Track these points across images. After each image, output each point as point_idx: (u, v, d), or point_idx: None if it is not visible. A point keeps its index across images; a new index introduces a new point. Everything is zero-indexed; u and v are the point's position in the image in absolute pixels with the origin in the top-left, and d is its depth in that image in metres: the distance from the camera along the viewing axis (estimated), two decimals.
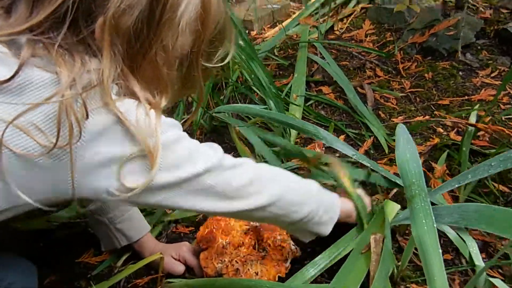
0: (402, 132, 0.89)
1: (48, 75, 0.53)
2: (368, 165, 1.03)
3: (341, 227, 0.89)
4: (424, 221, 0.68)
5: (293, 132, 1.31)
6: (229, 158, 0.71)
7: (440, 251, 0.65)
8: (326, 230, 0.86)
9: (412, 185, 0.75)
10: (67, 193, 0.59)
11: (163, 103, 0.64)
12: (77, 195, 0.59)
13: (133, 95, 0.60)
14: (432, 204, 0.76)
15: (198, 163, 0.65)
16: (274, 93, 1.29)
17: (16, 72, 0.52)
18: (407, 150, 0.81)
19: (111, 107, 0.56)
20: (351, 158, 1.07)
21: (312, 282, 0.87)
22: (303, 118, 1.43)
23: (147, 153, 0.59)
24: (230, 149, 1.33)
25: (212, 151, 0.69)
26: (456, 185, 0.83)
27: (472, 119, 1.17)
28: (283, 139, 1.14)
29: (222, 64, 0.72)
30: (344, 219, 0.89)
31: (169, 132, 0.64)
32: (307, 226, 0.83)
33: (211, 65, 0.71)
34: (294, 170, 1.11)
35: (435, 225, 0.67)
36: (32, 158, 0.53)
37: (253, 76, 1.35)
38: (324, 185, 0.85)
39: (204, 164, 0.66)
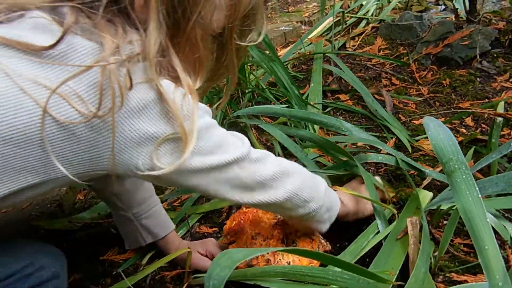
0: (430, 119, 0.88)
1: (90, 44, 0.53)
2: (396, 155, 1.01)
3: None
4: (467, 192, 0.66)
5: (316, 127, 1.30)
6: (255, 151, 0.72)
7: (488, 220, 0.62)
8: (324, 228, 0.88)
9: (450, 161, 0.73)
10: (102, 168, 0.58)
11: (198, 84, 0.65)
12: (111, 170, 0.59)
13: (173, 73, 0.60)
14: None
15: (228, 152, 0.66)
16: (297, 95, 1.29)
17: (60, 39, 0.52)
18: (440, 131, 0.80)
19: (154, 84, 0.56)
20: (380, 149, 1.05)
21: None
22: None
23: (182, 136, 0.59)
24: None
25: (240, 142, 0.70)
26: (488, 162, 0.82)
27: (500, 111, 1.16)
28: (308, 131, 1.13)
29: (256, 42, 0.73)
30: (340, 218, 0.91)
31: (204, 118, 0.64)
32: (307, 221, 0.85)
33: (244, 43, 0.72)
34: (315, 159, 1.11)
35: (479, 195, 0.65)
36: (72, 128, 0.53)
37: (275, 78, 1.36)
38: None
39: (234, 154, 0.67)
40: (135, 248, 0.98)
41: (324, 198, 0.83)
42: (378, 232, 0.89)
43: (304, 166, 1.03)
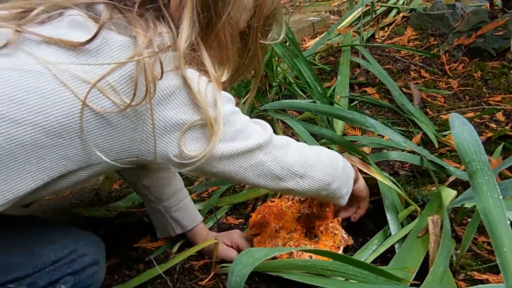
0: (456, 116, 0.88)
1: (124, 38, 0.58)
2: (420, 153, 1.02)
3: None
4: (489, 193, 0.67)
5: (339, 127, 1.31)
6: (277, 137, 0.75)
7: (508, 223, 0.63)
8: (343, 201, 0.92)
9: (472, 161, 0.73)
10: (134, 154, 0.63)
11: (224, 77, 0.68)
12: (140, 157, 0.64)
13: (201, 66, 0.64)
14: None
15: (251, 138, 0.70)
16: (320, 91, 1.31)
17: (96, 34, 0.56)
18: (464, 130, 0.80)
19: (181, 71, 0.60)
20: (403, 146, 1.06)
21: None
22: None
23: (207, 123, 0.63)
24: None
25: (262, 129, 0.73)
26: None
27: None
28: (330, 130, 1.15)
29: (278, 40, 0.77)
30: (355, 190, 0.93)
31: (228, 105, 0.68)
32: (328, 199, 0.90)
33: (267, 42, 0.76)
34: None
35: (501, 197, 0.66)
36: (107, 117, 0.58)
37: (298, 74, 1.38)
38: None
39: (256, 140, 0.70)
40: (166, 237, 1.04)
41: (341, 176, 0.86)
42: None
43: None
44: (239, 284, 0.57)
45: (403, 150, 1.11)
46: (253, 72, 0.86)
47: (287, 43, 1.43)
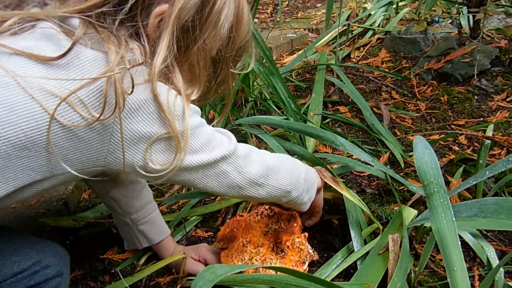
0: (420, 139, 0.93)
1: (96, 53, 0.59)
2: (385, 172, 1.06)
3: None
4: (443, 215, 0.71)
5: (311, 144, 1.35)
6: (241, 147, 0.77)
7: (459, 243, 0.67)
8: (305, 208, 0.96)
9: (430, 183, 0.77)
10: (99, 164, 0.64)
11: (193, 97, 0.71)
12: (106, 166, 0.65)
13: (171, 83, 0.66)
14: None
15: (216, 150, 0.72)
16: (293, 108, 1.34)
17: (69, 50, 0.57)
18: (425, 153, 0.84)
19: (151, 85, 0.61)
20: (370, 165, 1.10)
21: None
22: None
23: (173, 136, 0.65)
24: None
25: (227, 139, 0.76)
26: (474, 182, 0.86)
27: (489, 134, 1.20)
28: (301, 147, 1.19)
29: (248, 70, 0.81)
30: (316, 199, 0.97)
31: (194, 118, 0.69)
32: (290, 205, 0.93)
33: (236, 71, 0.80)
34: None
35: (453, 219, 0.69)
36: (75, 130, 0.58)
37: (273, 91, 1.42)
38: None
39: (221, 151, 0.72)
40: (133, 248, 1.04)
41: (304, 185, 0.89)
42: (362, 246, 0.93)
43: None
44: None
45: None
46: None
47: (264, 60, 1.47)
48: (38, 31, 0.60)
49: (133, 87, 0.59)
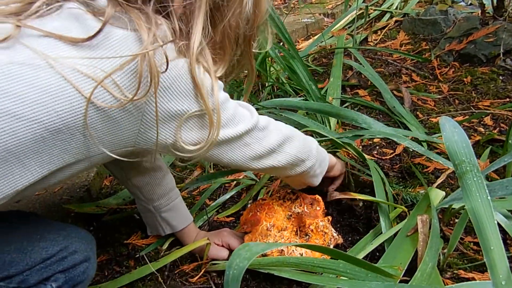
0: (446, 119, 0.90)
1: (126, 32, 0.57)
2: (411, 146, 1.04)
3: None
4: (477, 194, 0.68)
5: (332, 124, 1.33)
6: (261, 119, 0.79)
7: (496, 222, 0.64)
8: (317, 181, 0.98)
9: (462, 163, 0.75)
10: (130, 144, 0.64)
11: (219, 72, 0.71)
12: (136, 146, 0.65)
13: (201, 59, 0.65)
14: None
15: (240, 124, 0.73)
16: (315, 91, 1.32)
17: (101, 29, 0.56)
18: (455, 133, 0.81)
19: (180, 61, 0.61)
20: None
21: None
22: None
23: (206, 112, 0.65)
24: None
25: (249, 113, 0.77)
26: (504, 162, 0.83)
27: None
28: (324, 126, 1.17)
29: (267, 49, 0.82)
30: (328, 172, 1.00)
31: (221, 93, 0.69)
32: (303, 178, 0.94)
33: (256, 51, 0.81)
34: None
35: (489, 197, 0.67)
36: (108, 111, 0.58)
37: (291, 75, 1.39)
38: None
39: (246, 125, 0.73)
40: (157, 234, 1.04)
41: (316, 155, 0.91)
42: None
43: None
44: (237, 278, 0.57)
45: (394, 149, 1.13)
46: (246, 73, 0.89)
47: (281, 43, 1.44)
48: (65, 12, 0.59)
49: (167, 65, 0.58)
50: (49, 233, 0.70)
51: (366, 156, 1.12)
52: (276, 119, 0.85)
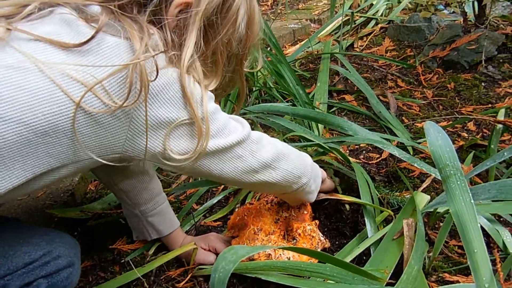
0: (431, 124, 0.91)
1: (119, 40, 0.58)
2: (395, 153, 1.05)
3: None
4: (461, 197, 0.69)
5: (320, 129, 1.34)
6: (254, 132, 0.78)
7: (479, 225, 0.66)
8: (313, 197, 0.97)
9: (446, 167, 0.76)
10: (118, 151, 0.63)
11: (211, 87, 0.71)
12: (124, 153, 0.64)
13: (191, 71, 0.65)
14: None
15: (231, 135, 0.72)
16: (303, 96, 1.33)
17: (93, 36, 0.56)
18: (439, 137, 0.83)
19: (170, 70, 0.61)
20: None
21: None
22: None
23: (195, 121, 0.64)
24: None
25: (240, 125, 0.76)
26: (487, 167, 0.85)
27: (500, 118, 1.18)
28: (311, 131, 1.17)
29: (258, 69, 0.82)
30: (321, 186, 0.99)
31: (211, 103, 0.69)
32: (298, 195, 0.93)
33: (247, 70, 0.83)
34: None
35: (472, 201, 0.68)
36: (97, 117, 0.57)
37: (278, 80, 1.40)
38: None
39: (236, 136, 0.72)
40: (143, 239, 1.03)
41: (311, 172, 0.90)
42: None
43: None
44: (222, 281, 0.57)
45: (381, 154, 1.14)
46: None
47: (269, 48, 1.45)
48: (56, 17, 0.59)
49: (157, 73, 0.58)
50: (32, 238, 0.69)
51: (352, 160, 1.13)
52: (263, 124, 0.86)
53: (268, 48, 1.46)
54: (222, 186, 1.23)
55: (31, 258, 0.66)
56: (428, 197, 0.95)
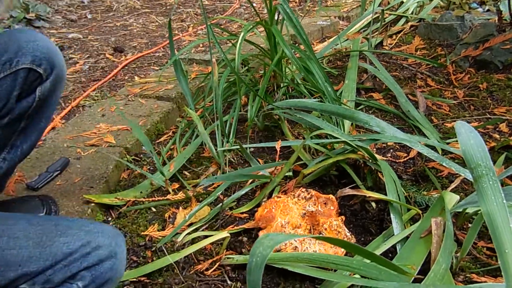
0: (462, 124, 0.91)
1: None
2: (424, 152, 1.04)
3: None
4: (493, 197, 0.69)
5: (346, 126, 1.34)
6: None
7: (511, 226, 0.66)
8: None
9: (478, 166, 0.76)
10: None
11: None
12: None
13: None
14: None
15: None
16: (331, 93, 1.33)
17: None
18: (470, 137, 0.82)
19: None
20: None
21: None
22: None
23: None
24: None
25: None
26: None
27: None
28: (338, 128, 1.18)
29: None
30: None
31: None
32: None
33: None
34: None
35: (504, 201, 0.68)
36: None
37: (306, 77, 1.41)
38: None
39: None
40: (173, 225, 1.07)
41: None
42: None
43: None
44: (260, 266, 0.58)
45: (408, 154, 1.14)
46: (261, 73, 0.88)
47: (297, 44, 1.46)
48: None
49: None
50: (71, 229, 0.67)
51: (379, 158, 1.13)
52: (290, 120, 0.84)
53: (296, 44, 1.47)
54: (250, 180, 1.26)
55: (70, 249, 0.64)
56: (457, 197, 0.95)
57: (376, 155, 1.14)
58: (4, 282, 0.62)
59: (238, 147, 1.34)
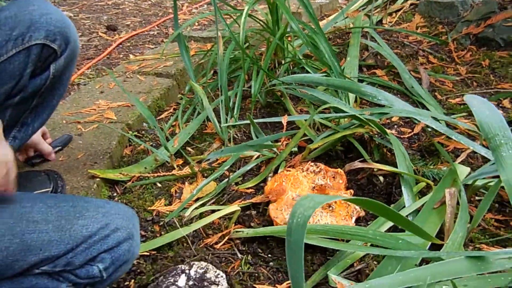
0: (471, 97, 0.90)
1: None
2: (433, 125, 1.04)
3: None
4: None
5: (351, 100, 1.33)
6: None
7: None
8: None
9: (495, 136, 0.76)
10: None
11: None
12: None
13: None
14: None
15: None
16: (337, 67, 1.31)
17: None
18: (485, 107, 0.82)
19: None
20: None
21: None
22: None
23: None
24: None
25: None
26: None
27: None
28: (344, 102, 1.17)
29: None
30: None
31: None
32: None
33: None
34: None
35: None
36: None
37: (313, 51, 1.39)
38: None
39: None
40: (180, 200, 1.05)
41: None
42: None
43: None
44: (302, 226, 0.57)
45: (413, 129, 1.13)
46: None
47: (302, 18, 1.43)
48: None
49: None
50: (88, 211, 0.66)
51: (388, 131, 1.13)
52: (293, 95, 0.81)
53: (302, 19, 1.44)
54: (256, 155, 1.24)
55: (89, 232, 0.64)
56: (468, 169, 0.95)
57: (386, 129, 1.13)
58: (27, 265, 0.61)
59: (243, 122, 1.32)
